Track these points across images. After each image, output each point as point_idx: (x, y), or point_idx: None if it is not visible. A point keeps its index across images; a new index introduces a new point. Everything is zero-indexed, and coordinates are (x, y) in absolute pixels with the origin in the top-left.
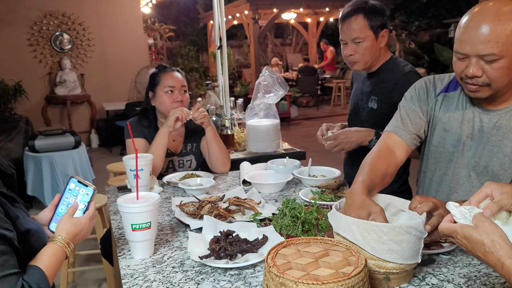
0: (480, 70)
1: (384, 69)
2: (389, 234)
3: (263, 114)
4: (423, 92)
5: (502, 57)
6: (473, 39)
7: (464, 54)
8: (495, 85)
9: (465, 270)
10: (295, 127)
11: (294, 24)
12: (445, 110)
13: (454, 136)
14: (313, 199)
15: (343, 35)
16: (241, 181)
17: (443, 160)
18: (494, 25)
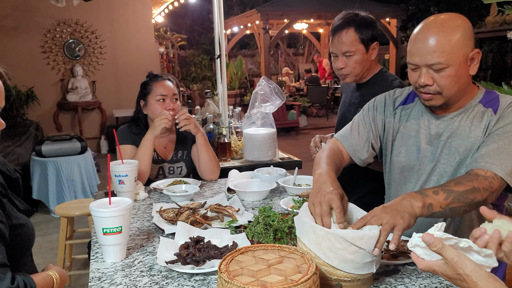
0: (431, 79)
1: (373, 81)
2: (343, 243)
3: (260, 123)
4: (381, 106)
5: (448, 66)
6: (421, 50)
7: (415, 64)
8: (446, 93)
9: (427, 281)
10: (303, 137)
11: (306, 34)
12: (404, 122)
13: (414, 145)
14: (293, 207)
15: (333, 48)
16: (226, 189)
17: (406, 169)
18: (439, 36)
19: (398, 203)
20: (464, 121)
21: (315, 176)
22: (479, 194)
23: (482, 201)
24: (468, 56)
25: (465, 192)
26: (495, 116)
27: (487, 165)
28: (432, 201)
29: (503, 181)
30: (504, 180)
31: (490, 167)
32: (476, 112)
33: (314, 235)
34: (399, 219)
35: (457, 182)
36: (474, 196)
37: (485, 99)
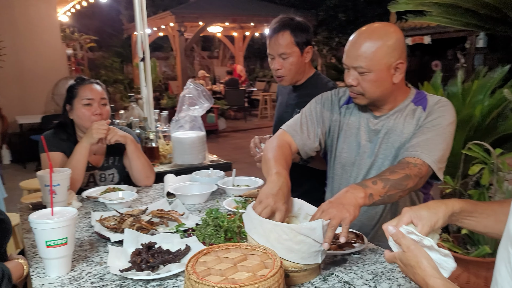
0: (356, 80)
1: (309, 84)
2: (289, 234)
3: (188, 126)
4: (328, 103)
5: (370, 71)
6: (350, 53)
7: (346, 65)
8: (368, 95)
9: (373, 267)
10: (224, 140)
11: (221, 37)
12: (348, 119)
13: (355, 141)
14: (236, 208)
15: (270, 50)
16: (165, 194)
17: (348, 164)
18: (365, 43)
19: (342, 197)
20: (398, 119)
21: (272, 176)
22: (411, 180)
23: (414, 186)
24: (391, 65)
25: (400, 180)
26: (424, 113)
27: (417, 153)
28: (372, 191)
29: (430, 168)
30: (430, 167)
31: (420, 155)
32: (409, 110)
33: (262, 229)
34: (346, 213)
35: (392, 171)
36: (407, 183)
37: (415, 99)
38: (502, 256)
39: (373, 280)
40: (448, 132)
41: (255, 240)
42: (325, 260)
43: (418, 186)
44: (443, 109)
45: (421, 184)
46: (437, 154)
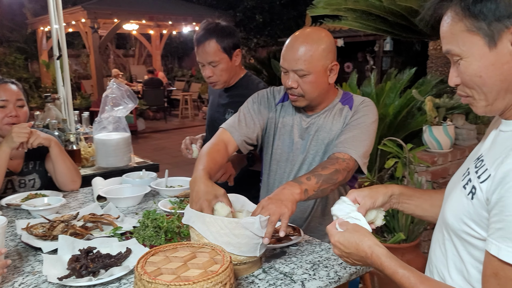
0: (296, 83)
1: (240, 84)
2: (229, 226)
3: (112, 127)
4: (265, 101)
5: (310, 73)
6: (289, 56)
7: (285, 69)
8: (308, 96)
9: (310, 257)
10: (144, 141)
11: (137, 35)
12: (282, 117)
13: (289, 139)
14: (172, 208)
15: (200, 58)
16: (95, 197)
17: (282, 160)
18: (303, 47)
19: (280, 193)
20: (327, 117)
21: (190, 181)
22: (341, 174)
23: (343, 179)
24: (327, 67)
25: (331, 174)
26: (350, 112)
27: (345, 149)
28: (307, 186)
29: (356, 163)
30: (357, 162)
31: (347, 150)
32: (337, 109)
33: (203, 222)
34: (284, 208)
35: (323, 167)
36: (337, 177)
37: (343, 98)
38: (437, 238)
39: (312, 269)
40: (371, 129)
41: (197, 230)
42: (266, 254)
43: (346, 179)
44: (367, 109)
45: (349, 177)
46: (362, 150)
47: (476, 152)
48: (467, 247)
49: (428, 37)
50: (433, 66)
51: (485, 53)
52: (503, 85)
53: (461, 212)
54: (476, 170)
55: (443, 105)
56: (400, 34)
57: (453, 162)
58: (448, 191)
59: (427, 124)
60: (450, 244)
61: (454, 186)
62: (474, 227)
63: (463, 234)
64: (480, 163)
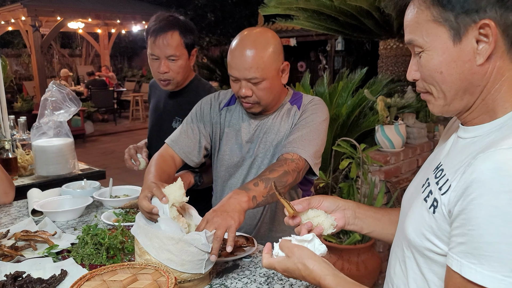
0: (250, 91)
1: (189, 89)
2: (171, 242)
3: (52, 133)
4: (208, 108)
5: (264, 79)
6: (239, 65)
7: (235, 77)
8: (264, 102)
9: (264, 270)
10: (92, 144)
11: (83, 34)
12: (228, 122)
13: (236, 143)
14: (117, 221)
15: (156, 50)
16: (30, 212)
17: (231, 166)
18: (252, 53)
19: (226, 204)
20: (276, 119)
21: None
22: (290, 176)
23: (293, 181)
24: (279, 69)
25: (279, 177)
26: (299, 111)
27: (293, 149)
28: (255, 193)
29: (306, 163)
30: (307, 161)
31: (296, 150)
32: (285, 110)
33: (147, 238)
34: (230, 220)
35: (271, 170)
36: (287, 179)
37: (292, 98)
38: (397, 254)
39: (266, 283)
40: (321, 128)
41: (140, 243)
42: (216, 268)
43: (297, 181)
44: (316, 107)
45: (300, 178)
46: (312, 149)
47: (433, 159)
48: (430, 265)
49: (378, 37)
50: (384, 66)
51: (448, 47)
52: (462, 85)
53: (423, 227)
54: (436, 181)
55: (394, 105)
56: (351, 34)
57: (405, 160)
58: (407, 204)
59: (379, 124)
60: (412, 261)
61: (414, 198)
62: (437, 243)
63: (425, 250)
64: (440, 173)
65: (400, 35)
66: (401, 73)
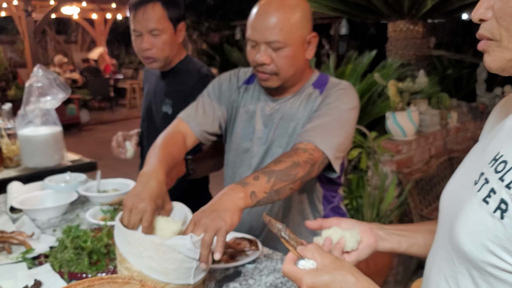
0: (269, 58)
1: (180, 69)
2: (153, 248)
3: (39, 121)
4: (227, 83)
5: (286, 45)
6: (261, 26)
7: (254, 40)
8: (283, 74)
9: (271, 277)
10: (87, 134)
11: (79, 20)
12: (244, 102)
13: (250, 126)
14: (104, 219)
15: (137, 25)
16: (8, 208)
17: (241, 151)
18: (279, 14)
19: (217, 202)
20: (295, 103)
21: (140, 173)
22: (301, 168)
23: (305, 174)
24: (305, 39)
25: (286, 169)
26: (320, 96)
27: (309, 138)
28: (254, 188)
29: (324, 155)
30: (325, 154)
31: (312, 139)
32: (306, 93)
33: (126, 242)
34: (220, 222)
35: (277, 161)
36: (296, 171)
37: (317, 82)
38: (442, 269)
39: None
40: (347, 118)
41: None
42: (215, 276)
43: (311, 175)
44: (342, 93)
45: (315, 172)
46: (333, 141)
47: (484, 149)
48: (494, 284)
49: (387, 18)
50: (393, 49)
51: None
52: None
53: (485, 236)
54: (500, 177)
55: (407, 90)
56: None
57: (417, 150)
58: (451, 206)
59: (390, 110)
60: (466, 279)
61: (462, 199)
62: (505, 257)
63: (487, 266)
64: (503, 166)
65: (411, 16)
66: (411, 57)
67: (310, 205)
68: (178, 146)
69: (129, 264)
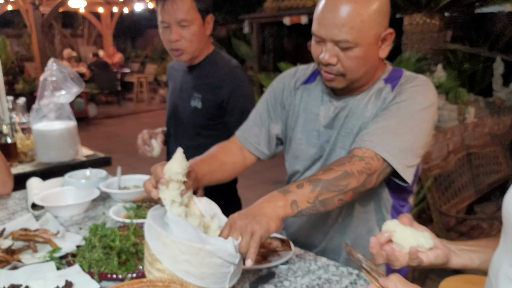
0: (335, 58)
1: (208, 62)
2: (191, 252)
3: (54, 115)
4: (280, 89)
5: (357, 45)
6: (328, 21)
7: (320, 37)
8: (350, 76)
9: (306, 279)
10: (95, 128)
11: (85, 13)
12: (305, 104)
13: (315, 130)
14: (128, 217)
15: (165, 16)
16: (30, 205)
17: (307, 157)
18: (350, 8)
19: (256, 207)
20: (362, 99)
21: None
22: (353, 178)
23: (360, 185)
24: (380, 36)
25: (335, 179)
26: (392, 93)
27: (370, 144)
28: (296, 197)
29: (385, 163)
30: (387, 162)
31: (371, 146)
32: (376, 89)
33: (160, 243)
34: (255, 225)
35: (326, 169)
36: (348, 182)
37: (389, 76)
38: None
39: None
40: (419, 119)
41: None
42: (249, 277)
43: (368, 185)
44: (416, 90)
45: (373, 182)
46: (398, 146)
47: None
48: None
49: (403, 11)
50: (409, 43)
51: None
52: None
53: None
54: None
55: None
56: None
57: (435, 145)
58: None
59: None
60: None
61: None
62: None
63: None
64: None
65: (429, 9)
66: (427, 51)
67: (376, 215)
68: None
69: (162, 266)
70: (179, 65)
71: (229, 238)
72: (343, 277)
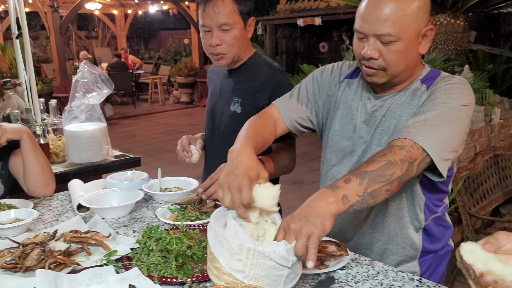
0: (377, 52)
1: (249, 65)
2: (244, 252)
3: (84, 117)
4: (328, 75)
5: (398, 39)
6: (371, 16)
7: (362, 33)
8: (391, 70)
9: (367, 284)
10: (112, 128)
11: (100, 15)
12: (346, 97)
13: (350, 123)
14: (175, 219)
15: (206, 20)
16: (75, 207)
17: (339, 149)
18: (393, 4)
19: (307, 207)
20: (399, 99)
21: (229, 151)
22: (397, 167)
23: (403, 174)
24: (420, 32)
25: (380, 169)
26: (426, 92)
27: (409, 134)
28: (346, 191)
29: (424, 153)
30: (426, 152)
31: (411, 136)
32: (412, 89)
33: (217, 241)
34: (311, 227)
35: (369, 161)
36: (393, 171)
37: (426, 77)
38: None
39: None
40: (457, 115)
41: (211, 248)
42: (308, 282)
43: (410, 175)
44: (453, 87)
45: (415, 171)
46: (436, 138)
47: None
48: None
49: None
50: (432, 44)
51: None
52: None
53: None
54: None
55: None
56: None
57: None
58: None
59: None
60: None
61: None
62: None
63: None
64: None
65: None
66: (451, 51)
67: (409, 213)
68: (268, 128)
69: (219, 264)
70: (219, 69)
71: (281, 241)
72: (405, 282)
